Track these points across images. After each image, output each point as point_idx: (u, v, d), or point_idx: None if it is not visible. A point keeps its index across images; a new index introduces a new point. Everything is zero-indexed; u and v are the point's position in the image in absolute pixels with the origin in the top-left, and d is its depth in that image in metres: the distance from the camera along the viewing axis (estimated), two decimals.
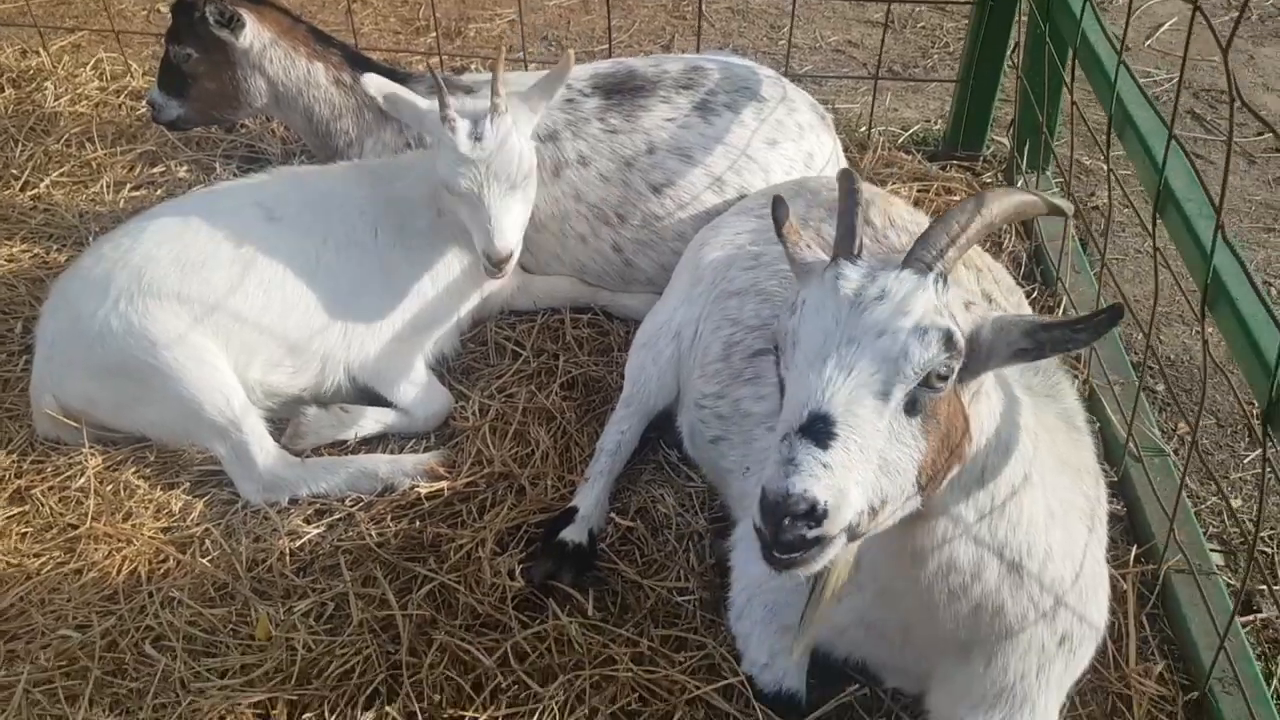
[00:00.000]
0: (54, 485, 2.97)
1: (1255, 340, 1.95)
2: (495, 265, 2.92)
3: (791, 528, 1.61)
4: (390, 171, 3.17)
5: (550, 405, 3.17)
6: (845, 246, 1.80)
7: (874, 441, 1.66)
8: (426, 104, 2.97)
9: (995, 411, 1.88)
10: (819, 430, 1.63)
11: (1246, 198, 4.12)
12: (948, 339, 1.68)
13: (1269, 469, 2.10)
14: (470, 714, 2.41)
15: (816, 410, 1.65)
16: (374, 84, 3.00)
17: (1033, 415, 2.05)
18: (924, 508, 1.81)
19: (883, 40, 4.28)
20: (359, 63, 3.49)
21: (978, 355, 1.75)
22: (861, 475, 1.65)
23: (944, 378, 1.70)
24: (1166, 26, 5.01)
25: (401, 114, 3.03)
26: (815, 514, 1.61)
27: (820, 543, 1.65)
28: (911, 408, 1.69)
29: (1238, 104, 1.90)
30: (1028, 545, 1.98)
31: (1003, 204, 1.82)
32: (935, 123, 4.42)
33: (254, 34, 3.35)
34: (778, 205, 2.06)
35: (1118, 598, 2.62)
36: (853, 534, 1.68)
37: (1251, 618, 2.69)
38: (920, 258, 1.74)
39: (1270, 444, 1.98)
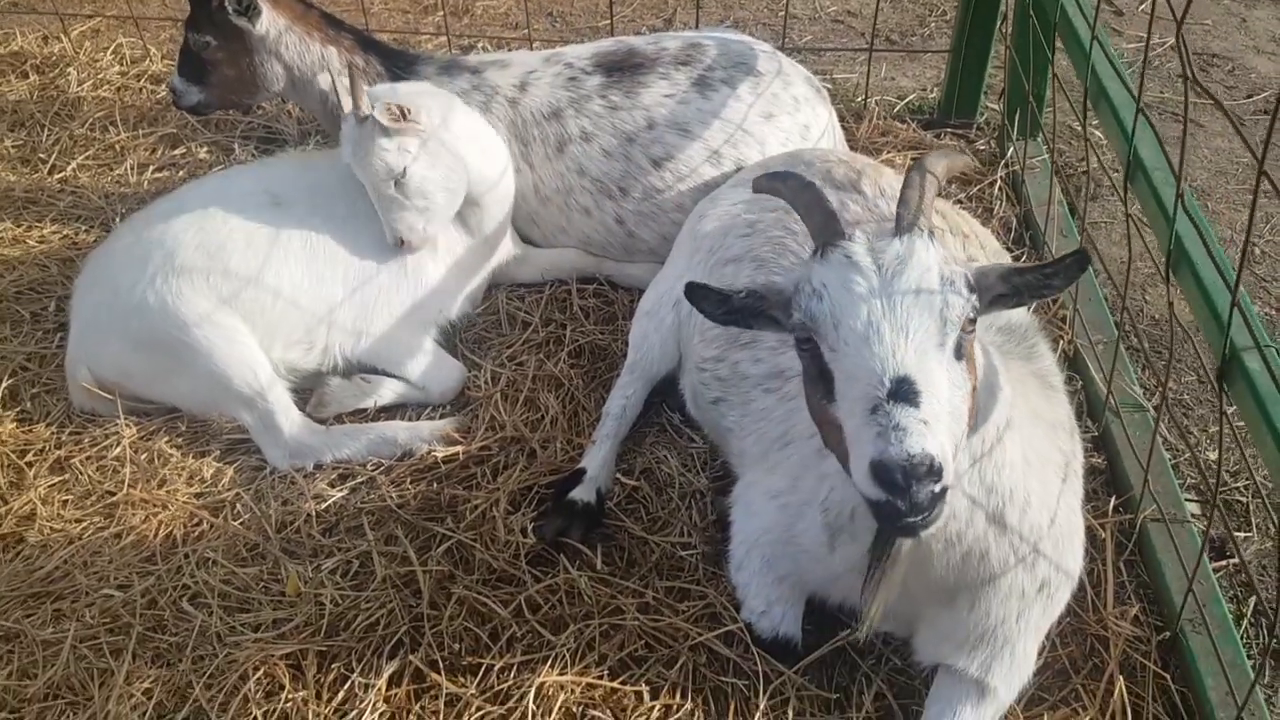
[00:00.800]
0: (91, 455, 3.13)
1: (1211, 302, 2.09)
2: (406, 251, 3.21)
3: (921, 487, 1.66)
4: None
5: (559, 372, 3.32)
6: (833, 229, 1.89)
7: (943, 391, 1.75)
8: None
9: (980, 356, 1.99)
10: (906, 391, 1.70)
11: (1235, 159, 4.21)
12: (968, 282, 1.81)
13: (1229, 423, 2.23)
14: (488, 661, 2.57)
15: (897, 374, 1.72)
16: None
17: (1004, 365, 2.18)
18: None
19: (875, 13, 4.37)
20: (370, 46, 3.61)
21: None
22: (946, 426, 1.74)
23: (974, 318, 1.82)
24: None
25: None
26: (935, 469, 1.67)
27: (943, 495, 1.72)
28: (958, 352, 1.81)
29: (1228, 68, 2.00)
30: (1010, 490, 2.09)
31: (942, 165, 1.96)
32: (931, 91, 4.52)
33: (270, 21, 3.46)
34: (694, 295, 2.06)
35: (1097, 545, 2.77)
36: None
37: (1224, 563, 2.84)
38: (909, 220, 1.85)
39: (1227, 400, 2.11)
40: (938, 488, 1.68)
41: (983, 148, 4.13)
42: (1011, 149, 3.92)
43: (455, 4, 5.21)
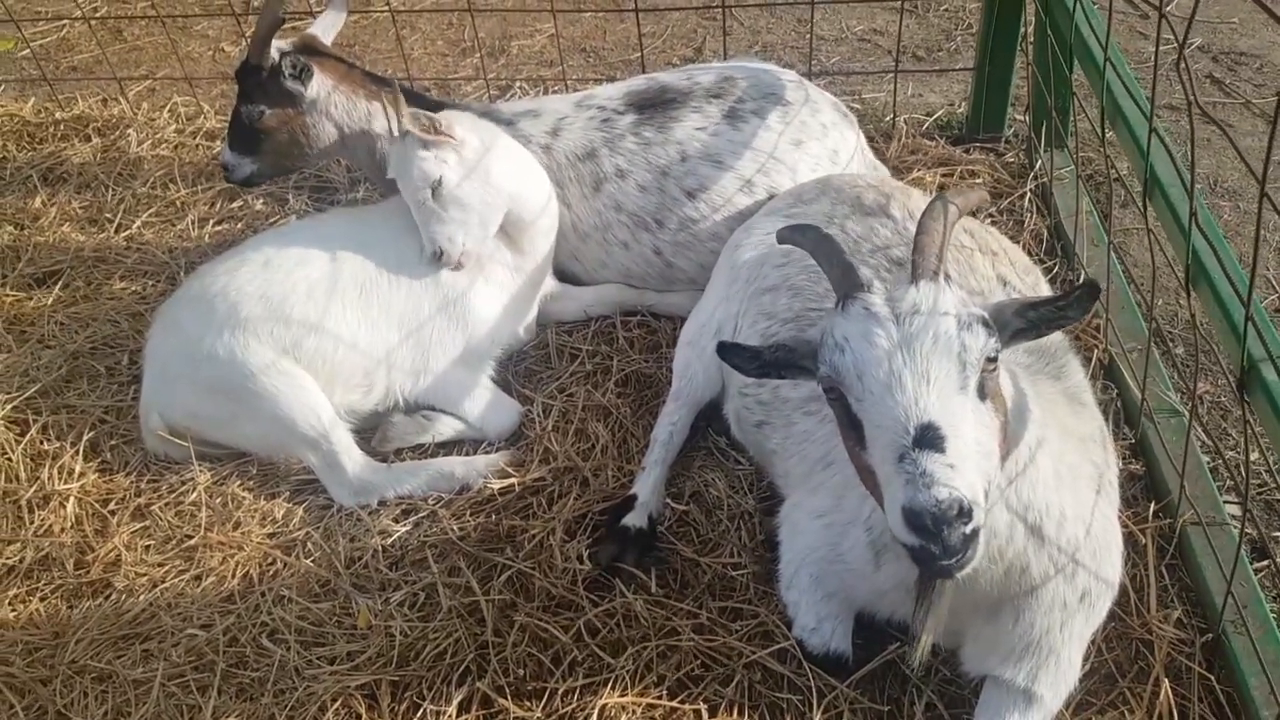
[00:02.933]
0: (169, 501, 3.30)
1: (1228, 314, 2.16)
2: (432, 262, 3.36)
3: (953, 532, 1.74)
4: None
5: (607, 402, 3.44)
6: (852, 281, 1.97)
7: (971, 433, 1.83)
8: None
9: (1008, 383, 2.08)
10: (931, 438, 1.78)
11: (1261, 159, 4.23)
12: (985, 323, 1.89)
13: (1253, 429, 2.30)
14: (551, 685, 2.68)
15: (921, 421, 1.80)
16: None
17: (1032, 387, 2.27)
18: None
19: (899, 34, 4.46)
20: (412, 98, 3.77)
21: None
22: (975, 465, 1.82)
23: (994, 358, 1.90)
24: None
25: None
26: (965, 511, 1.74)
27: (976, 535, 1.80)
28: (981, 392, 1.89)
29: (1256, 66, 2.08)
30: (1046, 505, 2.17)
31: (955, 208, 2.06)
32: (959, 106, 4.60)
33: (319, 83, 3.61)
34: (728, 355, 2.19)
35: (1138, 551, 2.84)
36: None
37: (1265, 563, 2.89)
38: (924, 268, 1.94)
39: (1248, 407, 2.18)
40: (969, 529, 1.76)
41: (1011, 160, 4.20)
42: (1040, 161, 3.99)
43: (491, 45, 5.38)
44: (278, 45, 3.55)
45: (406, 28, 5.55)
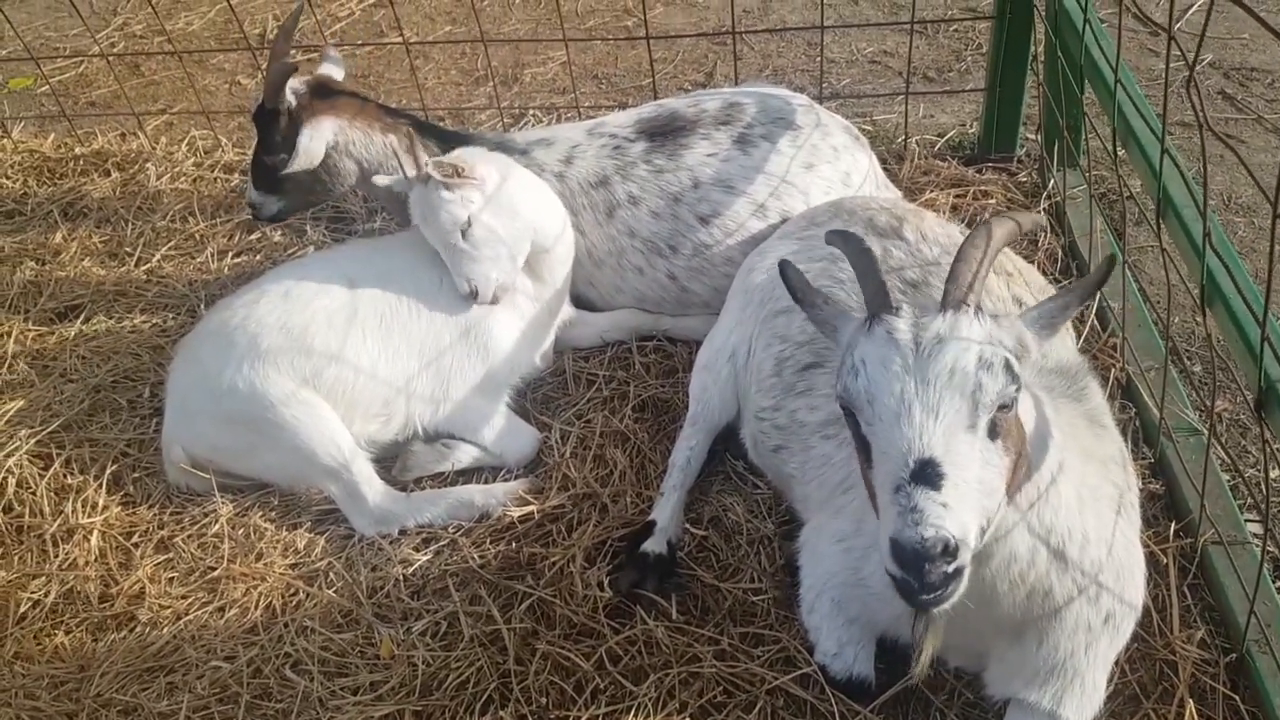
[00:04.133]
0: (192, 534, 3.32)
1: (1245, 335, 2.16)
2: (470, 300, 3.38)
3: (934, 569, 1.76)
4: None
5: (624, 428, 3.46)
6: (881, 301, 1.96)
7: (974, 472, 1.83)
8: (395, 179, 3.43)
9: (1031, 409, 2.07)
10: (929, 474, 1.78)
11: (1274, 174, 4.23)
12: (1007, 366, 1.87)
13: (1272, 449, 2.30)
14: (574, 714, 2.69)
15: (921, 456, 1.80)
16: (380, 181, 3.46)
17: (1054, 409, 2.27)
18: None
19: (909, 55, 4.48)
20: (427, 130, 3.81)
21: (1025, 351, 1.95)
22: (972, 504, 1.82)
23: (1011, 402, 1.88)
24: (1194, 8, 5.12)
25: (402, 188, 3.42)
26: (950, 550, 1.76)
27: (959, 574, 1.81)
28: (993, 432, 1.87)
29: (1267, 81, 2.09)
30: (1068, 529, 2.17)
31: (1005, 228, 2.03)
32: (970, 126, 4.61)
33: (334, 126, 3.66)
34: (786, 271, 2.21)
35: (1160, 571, 2.83)
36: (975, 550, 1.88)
37: None
38: (956, 297, 1.92)
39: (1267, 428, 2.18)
40: (951, 568, 1.78)
41: (1024, 180, 4.21)
42: (1052, 180, 3.99)
43: (504, 74, 5.43)
44: (293, 87, 3.59)
45: (420, 58, 5.61)
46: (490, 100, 5.13)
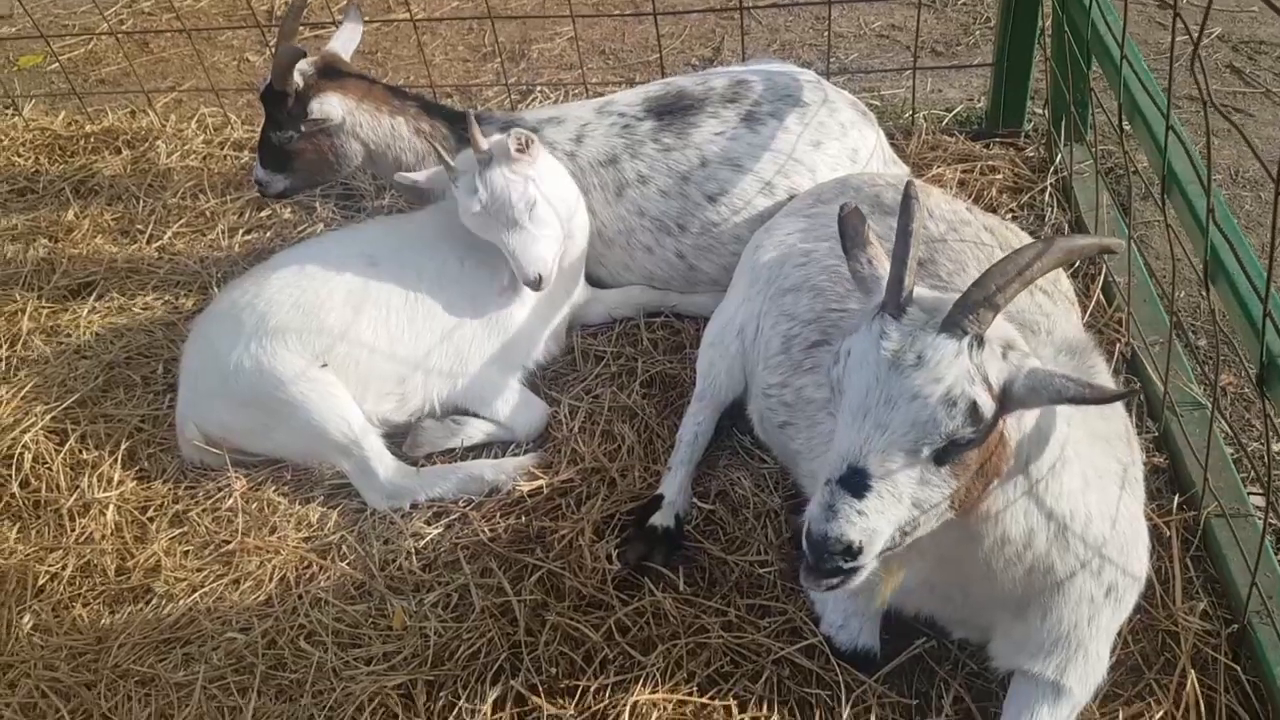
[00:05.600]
0: (206, 508, 3.37)
1: (1247, 310, 2.18)
2: (533, 288, 3.32)
3: (830, 560, 1.89)
4: None
5: (632, 403, 3.49)
6: (893, 296, 1.92)
7: (905, 489, 1.87)
8: (427, 173, 3.38)
9: (1034, 413, 2.02)
10: (855, 482, 1.86)
11: None
12: (972, 410, 1.84)
13: (1274, 424, 2.32)
14: (584, 683, 2.73)
15: (854, 464, 1.86)
16: (402, 179, 3.38)
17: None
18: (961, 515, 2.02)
19: (917, 29, 4.47)
20: (434, 110, 3.82)
21: (1011, 402, 1.89)
22: (893, 516, 1.88)
23: (969, 440, 1.87)
24: None
25: (437, 185, 3.37)
26: (851, 551, 1.87)
27: (856, 571, 1.93)
28: (940, 458, 1.88)
29: (1276, 54, 2.10)
30: (1070, 512, 2.18)
31: (1044, 260, 1.89)
32: (978, 100, 4.61)
33: (342, 105, 3.67)
34: (849, 217, 2.14)
35: (1163, 543, 2.85)
36: (886, 553, 1.95)
37: None
38: (957, 322, 1.85)
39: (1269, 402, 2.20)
40: (847, 565, 1.90)
41: (1031, 155, 4.21)
42: (1060, 155, 4.00)
43: (512, 50, 5.43)
44: (300, 68, 3.62)
45: (427, 34, 5.61)
46: (498, 77, 5.13)
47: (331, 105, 3.67)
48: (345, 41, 3.86)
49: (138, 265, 4.28)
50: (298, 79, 3.61)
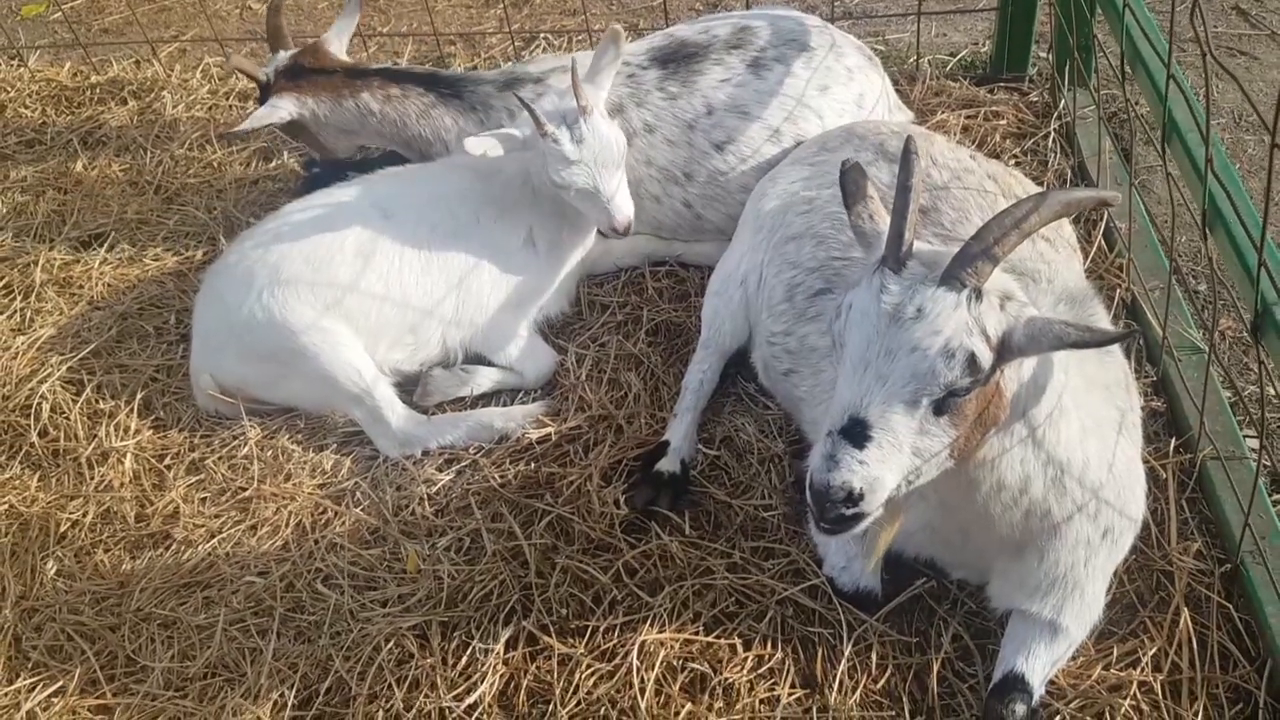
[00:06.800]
0: (223, 455, 3.44)
1: (1243, 259, 2.22)
2: (621, 233, 3.34)
3: (833, 509, 1.94)
4: (485, 165, 3.46)
5: (638, 352, 3.54)
6: (892, 252, 1.95)
7: (905, 438, 1.93)
8: (521, 132, 3.28)
9: (1032, 362, 2.08)
10: (856, 433, 1.91)
11: None
12: (970, 361, 1.89)
13: (1268, 370, 2.36)
14: (593, 624, 2.81)
15: (855, 415, 1.91)
16: (473, 146, 3.24)
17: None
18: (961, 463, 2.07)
19: None
20: (400, 75, 3.87)
21: (1010, 352, 1.94)
22: (895, 464, 1.94)
23: (967, 389, 1.92)
24: None
25: (511, 151, 3.29)
26: (853, 498, 1.92)
27: (859, 517, 1.97)
28: (939, 408, 1.93)
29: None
30: (1067, 458, 2.23)
31: (1040, 213, 1.93)
32: (983, 45, 4.60)
33: (296, 105, 3.83)
34: (850, 172, 2.18)
35: (1159, 485, 2.91)
36: (890, 501, 2.00)
37: None
38: (956, 275, 1.89)
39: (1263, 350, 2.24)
40: (850, 512, 1.95)
41: (1035, 100, 4.21)
42: (1063, 101, 4.00)
43: None
44: (270, 69, 3.86)
45: None
46: (500, 24, 5.12)
47: (281, 107, 3.82)
48: (340, 31, 3.97)
49: (147, 216, 4.31)
50: (270, 72, 3.83)
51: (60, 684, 2.90)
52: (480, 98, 3.77)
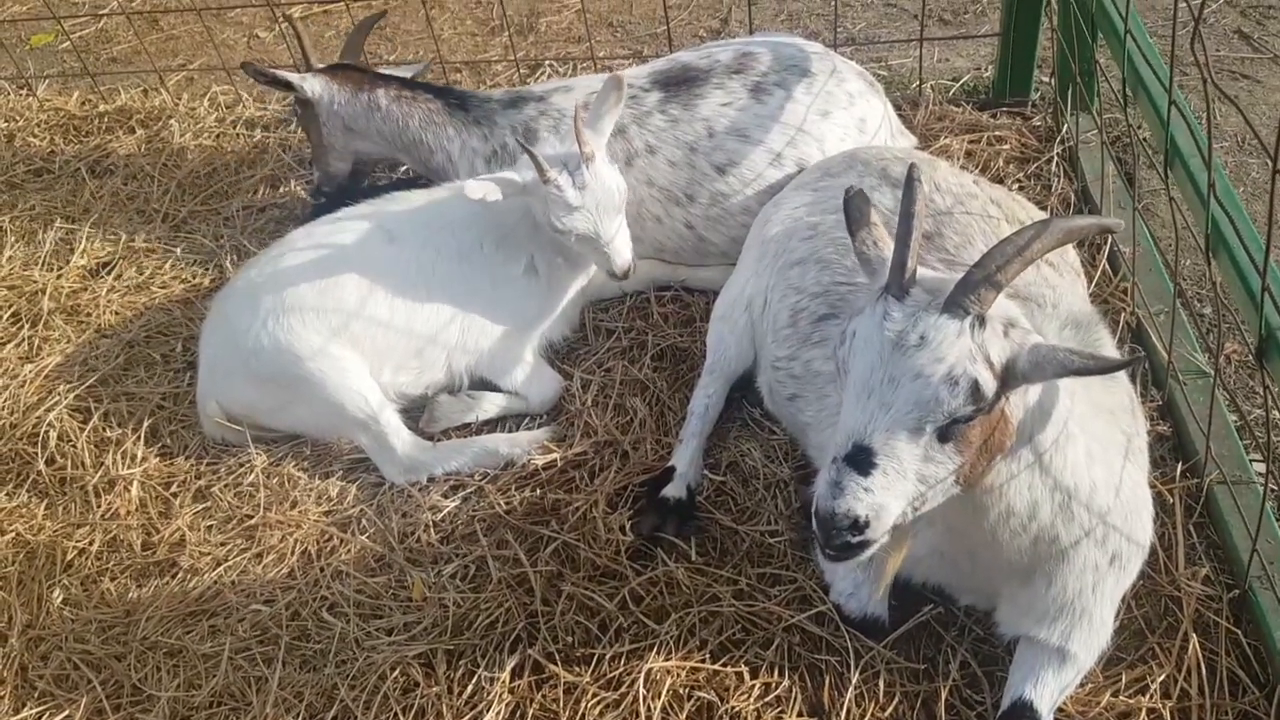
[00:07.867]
0: (229, 483, 3.44)
1: (1246, 284, 2.22)
2: (620, 278, 3.38)
3: (838, 536, 1.95)
4: None
5: (643, 377, 3.54)
6: (896, 278, 1.96)
7: (910, 465, 1.93)
8: (522, 177, 3.26)
9: (1037, 389, 2.07)
10: (861, 460, 1.91)
11: None
12: (974, 388, 1.88)
13: (1274, 396, 2.36)
14: (599, 651, 2.80)
15: (859, 442, 1.91)
16: (473, 191, 3.18)
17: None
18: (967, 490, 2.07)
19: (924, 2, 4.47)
20: (415, 85, 3.97)
21: (1014, 379, 1.94)
22: (900, 491, 1.93)
23: (971, 417, 1.92)
24: None
25: (511, 196, 3.27)
26: (858, 526, 1.92)
27: (865, 545, 1.97)
28: (944, 435, 1.92)
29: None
30: (1074, 484, 2.23)
31: (1043, 241, 1.93)
32: (985, 70, 4.61)
33: (323, 85, 3.92)
34: (854, 199, 2.20)
35: (1166, 510, 2.90)
36: (897, 527, 2.00)
37: None
38: (959, 302, 1.89)
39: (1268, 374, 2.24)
40: (855, 539, 1.95)
41: (1038, 124, 4.22)
42: (1066, 125, 4.01)
43: (520, 23, 5.44)
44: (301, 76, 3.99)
45: (435, 8, 5.62)
46: (505, 51, 5.15)
47: (310, 80, 3.92)
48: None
49: (154, 245, 4.33)
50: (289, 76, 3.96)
51: (66, 713, 2.91)
52: (485, 113, 3.83)
